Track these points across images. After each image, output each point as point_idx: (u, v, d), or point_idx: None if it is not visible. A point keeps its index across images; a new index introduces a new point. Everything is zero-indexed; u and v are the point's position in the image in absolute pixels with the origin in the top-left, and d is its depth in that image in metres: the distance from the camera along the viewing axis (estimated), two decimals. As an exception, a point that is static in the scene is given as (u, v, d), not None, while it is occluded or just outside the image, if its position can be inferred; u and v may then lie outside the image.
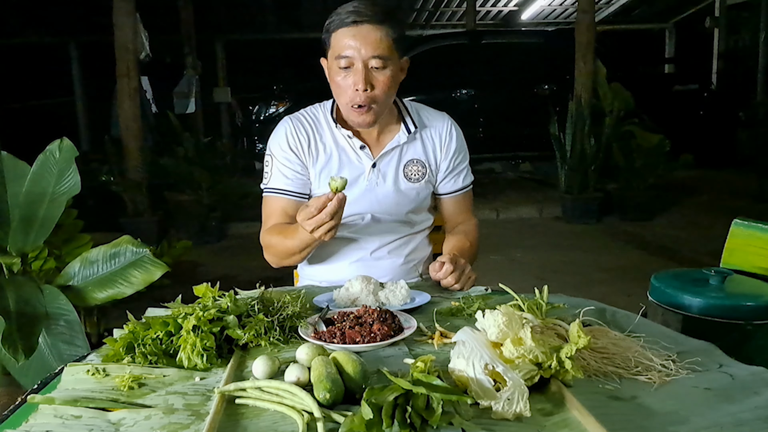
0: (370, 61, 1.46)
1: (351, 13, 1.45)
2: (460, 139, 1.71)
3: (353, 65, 1.47)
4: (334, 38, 1.49)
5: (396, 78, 1.53)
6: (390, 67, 1.49)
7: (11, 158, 2.08)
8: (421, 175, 1.65)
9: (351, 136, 1.59)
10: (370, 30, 1.45)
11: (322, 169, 1.61)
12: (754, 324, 1.72)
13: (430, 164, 1.66)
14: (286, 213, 1.62)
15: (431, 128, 1.67)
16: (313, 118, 1.64)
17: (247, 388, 0.91)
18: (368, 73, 1.47)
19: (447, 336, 1.11)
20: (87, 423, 0.85)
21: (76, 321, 1.87)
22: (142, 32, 6.59)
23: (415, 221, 1.69)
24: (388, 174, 1.62)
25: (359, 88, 1.47)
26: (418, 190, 1.65)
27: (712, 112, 7.82)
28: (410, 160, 1.64)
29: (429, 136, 1.67)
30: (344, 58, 1.46)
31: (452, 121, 1.72)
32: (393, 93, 1.55)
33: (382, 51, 1.46)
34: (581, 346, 0.91)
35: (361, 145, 1.60)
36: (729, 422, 0.82)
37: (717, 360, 1.02)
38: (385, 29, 1.46)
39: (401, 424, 0.78)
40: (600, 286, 4.03)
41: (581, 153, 5.77)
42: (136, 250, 1.99)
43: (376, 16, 1.45)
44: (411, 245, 1.70)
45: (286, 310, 1.16)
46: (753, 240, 1.97)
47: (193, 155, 5.62)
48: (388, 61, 1.47)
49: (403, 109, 1.66)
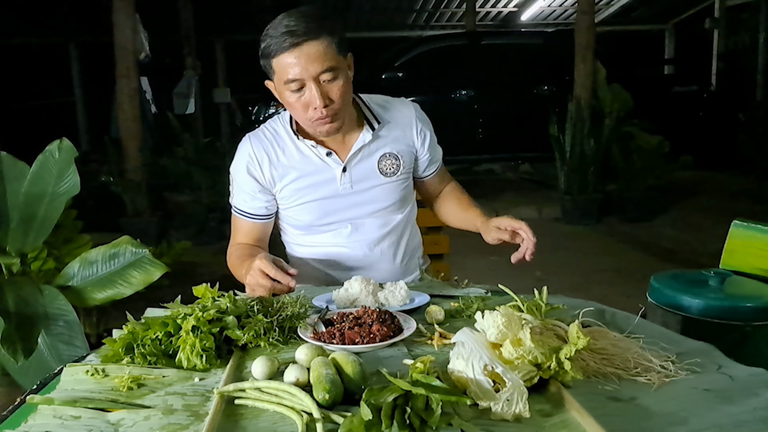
0: (320, 77, 1.41)
1: (286, 34, 1.38)
2: (426, 121, 1.69)
3: (305, 85, 1.41)
4: (276, 64, 1.42)
5: (348, 81, 1.48)
6: (341, 76, 1.44)
7: (11, 158, 2.08)
8: (396, 168, 1.62)
9: (315, 146, 1.55)
10: (311, 47, 1.38)
11: (290, 184, 1.58)
12: (753, 325, 1.72)
13: (404, 155, 1.63)
14: (249, 233, 1.63)
15: (396, 119, 1.64)
16: (273, 133, 1.60)
17: (246, 388, 0.91)
18: (321, 88, 1.41)
19: (446, 337, 1.11)
20: (86, 423, 0.85)
21: (76, 321, 1.87)
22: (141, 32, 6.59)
23: (401, 213, 1.67)
24: (362, 175, 1.59)
25: (317, 106, 1.42)
26: (396, 183, 1.63)
27: (712, 114, 7.81)
28: (383, 155, 1.61)
29: (397, 127, 1.63)
30: (294, 81, 1.41)
31: (413, 104, 1.68)
32: (350, 96, 1.51)
33: (330, 63, 1.40)
34: (580, 347, 0.91)
35: (327, 152, 1.56)
36: (728, 423, 0.82)
37: (716, 361, 1.02)
38: (326, 40, 1.39)
39: (400, 425, 0.78)
40: (599, 287, 4.03)
41: (581, 154, 5.78)
42: (136, 250, 1.99)
43: (311, 31, 1.38)
44: (404, 239, 1.69)
45: (285, 310, 1.16)
46: (752, 241, 1.97)
47: (192, 156, 5.62)
48: (337, 70, 1.42)
49: (364, 107, 1.61)
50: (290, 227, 1.67)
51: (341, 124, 1.51)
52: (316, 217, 1.60)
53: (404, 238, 1.70)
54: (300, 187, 1.58)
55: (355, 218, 1.61)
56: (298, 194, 1.59)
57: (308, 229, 1.64)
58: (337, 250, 1.64)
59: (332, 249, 1.64)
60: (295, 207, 1.61)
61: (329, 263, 1.65)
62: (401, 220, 1.67)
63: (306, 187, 1.58)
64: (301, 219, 1.62)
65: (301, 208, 1.60)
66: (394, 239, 1.67)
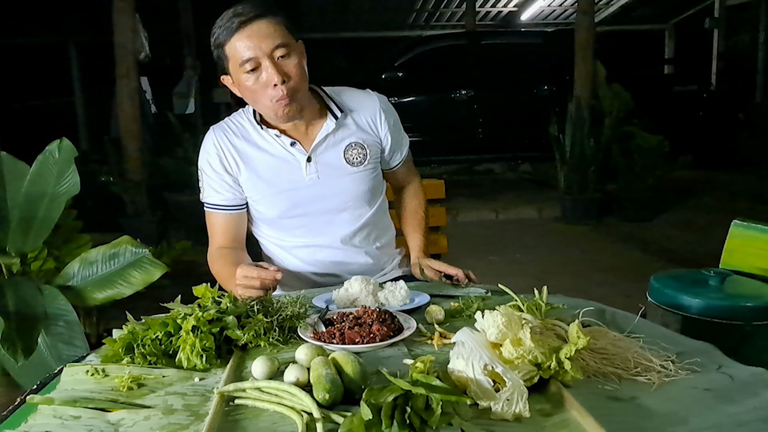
0: (274, 53, 1.42)
1: (234, 17, 1.42)
2: (391, 111, 1.68)
3: (260, 65, 1.43)
4: (228, 49, 1.45)
5: (303, 63, 1.49)
6: (294, 53, 1.46)
7: (11, 158, 2.08)
8: (363, 157, 1.62)
9: (279, 135, 1.56)
10: (260, 25, 1.42)
11: (255, 175, 1.58)
12: (753, 325, 1.72)
13: (369, 145, 1.63)
14: (225, 229, 1.63)
15: (361, 110, 1.64)
16: (237, 124, 1.60)
17: (246, 388, 0.91)
18: (277, 66, 1.43)
19: (446, 337, 1.11)
20: (86, 423, 0.85)
21: (76, 321, 1.87)
22: (141, 32, 6.59)
23: (371, 207, 1.67)
24: (328, 164, 1.59)
25: (276, 82, 1.43)
26: (364, 173, 1.62)
27: (712, 113, 7.81)
28: (348, 144, 1.61)
29: (362, 117, 1.63)
30: (249, 61, 1.42)
31: (378, 95, 1.68)
32: (306, 78, 1.51)
33: (282, 38, 1.43)
34: (580, 346, 0.91)
35: (291, 141, 1.56)
36: (728, 423, 0.82)
37: (716, 361, 1.02)
38: (274, 19, 1.44)
39: (400, 425, 0.78)
40: (599, 286, 4.03)
41: (581, 154, 5.78)
42: (136, 250, 1.99)
43: (258, 10, 1.42)
44: (377, 233, 1.69)
45: (285, 310, 1.16)
46: (752, 241, 1.97)
47: (192, 155, 5.60)
48: (289, 47, 1.45)
49: (325, 97, 1.62)
50: (263, 224, 1.66)
51: (301, 107, 1.51)
52: (284, 210, 1.59)
53: (376, 231, 1.70)
54: (265, 177, 1.58)
55: (323, 212, 1.61)
56: (264, 185, 1.59)
57: (278, 223, 1.63)
58: (311, 248, 1.63)
59: (305, 247, 1.63)
60: (261, 200, 1.60)
61: (306, 262, 1.64)
62: (372, 213, 1.67)
63: (271, 178, 1.58)
64: (269, 213, 1.61)
65: (267, 201, 1.60)
66: (366, 233, 1.67)
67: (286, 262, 1.66)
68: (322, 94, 1.62)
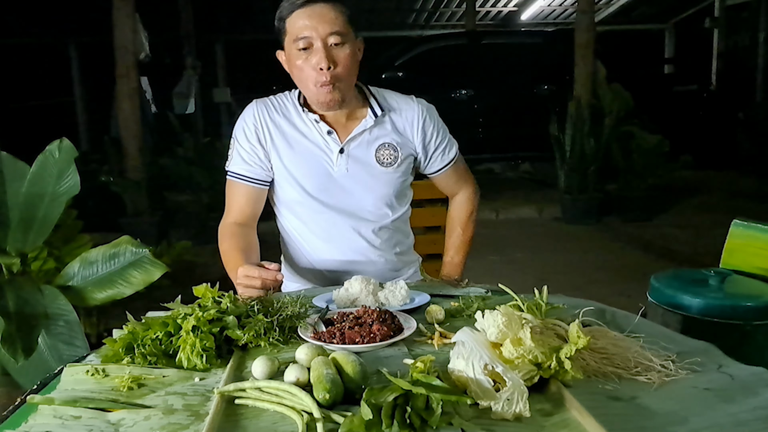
0: (328, 39, 1.45)
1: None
2: (434, 119, 1.68)
3: (312, 45, 1.46)
4: (288, 23, 1.48)
5: (355, 56, 1.52)
6: (348, 44, 1.48)
7: (11, 158, 2.08)
8: (393, 159, 1.62)
9: (318, 121, 1.58)
10: (323, 8, 1.45)
11: (288, 154, 1.59)
12: (753, 324, 1.72)
13: (402, 149, 1.64)
14: (244, 201, 1.62)
15: (401, 113, 1.65)
16: (280, 103, 1.63)
17: (246, 388, 0.91)
18: (328, 51, 1.46)
19: (446, 336, 1.11)
20: (86, 423, 0.85)
21: (76, 321, 1.86)
22: (141, 32, 6.59)
23: (393, 208, 1.67)
24: (358, 159, 1.60)
25: (323, 67, 1.45)
26: (392, 175, 1.63)
27: (712, 113, 7.82)
28: (381, 144, 1.62)
29: (400, 121, 1.65)
30: (302, 39, 1.46)
31: (422, 103, 1.69)
32: (355, 72, 1.54)
33: (340, 27, 1.46)
34: (581, 346, 0.91)
35: (328, 130, 1.58)
36: (728, 423, 0.82)
37: (716, 360, 1.01)
38: (339, 6, 1.47)
39: (401, 425, 0.78)
40: (599, 286, 4.03)
41: (581, 153, 5.78)
42: (136, 250, 1.99)
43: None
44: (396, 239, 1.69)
45: (285, 310, 1.16)
46: (752, 240, 1.97)
47: (192, 155, 5.62)
48: (345, 37, 1.47)
49: (369, 94, 1.64)
50: (284, 209, 1.66)
51: (343, 97, 1.53)
52: (308, 193, 1.60)
53: (397, 236, 1.70)
54: (296, 159, 1.59)
55: (346, 205, 1.61)
56: (294, 166, 1.59)
57: (298, 209, 1.63)
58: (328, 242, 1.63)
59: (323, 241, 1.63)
60: (288, 179, 1.60)
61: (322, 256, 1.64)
62: (394, 218, 1.67)
63: (302, 160, 1.59)
64: (292, 194, 1.61)
65: (293, 183, 1.60)
66: (387, 236, 1.67)
67: (302, 254, 1.67)
68: (366, 92, 1.65)
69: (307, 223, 1.64)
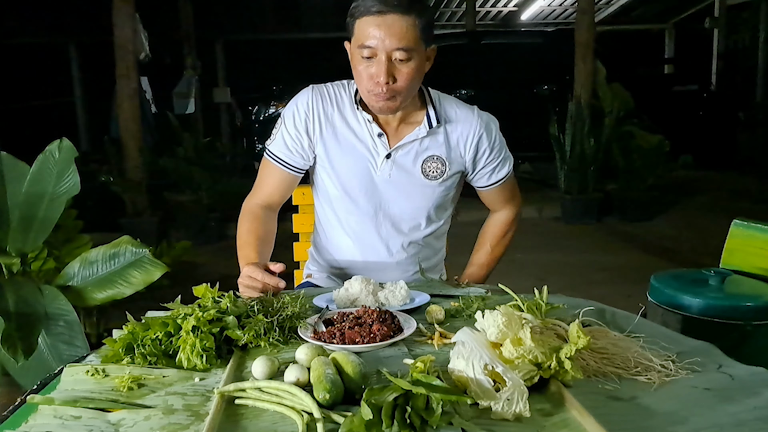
0: (393, 53, 1.38)
1: (377, 1, 1.37)
2: (492, 135, 1.61)
3: (376, 56, 1.39)
4: (357, 25, 1.41)
5: (421, 69, 1.45)
6: (414, 59, 1.41)
7: (11, 158, 2.08)
8: (440, 173, 1.57)
9: (371, 121, 1.53)
10: (395, 20, 1.37)
11: (333, 148, 1.56)
12: (753, 324, 1.72)
13: (451, 163, 1.58)
14: (278, 184, 1.61)
15: (458, 125, 1.58)
16: (336, 94, 1.58)
17: (246, 388, 0.91)
18: (391, 65, 1.40)
19: (446, 336, 1.11)
20: (86, 423, 0.85)
21: (76, 321, 1.87)
22: (141, 32, 6.59)
23: (430, 223, 1.63)
24: (404, 168, 1.55)
25: (380, 81, 1.40)
26: (436, 188, 1.58)
27: (712, 113, 7.82)
28: (430, 156, 1.56)
29: (454, 133, 1.58)
30: (367, 48, 1.39)
31: (482, 116, 1.61)
32: (417, 84, 1.48)
33: (407, 42, 1.38)
34: (581, 346, 0.91)
35: (379, 132, 1.53)
36: (728, 422, 0.82)
37: (716, 360, 1.01)
38: (412, 18, 1.38)
39: (401, 425, 0.78)
40: (599, 286, 4.03)
41: (581, 153, 5.78)
42: (136, 250, 1.99)
43: (402, 4, 1.37)
44: (426, 253, 1.66)
45: (285, 310, 1.16)
46: (752, 240, 1.97)
47: (192, 155, 5.62)
48: (412, 52, 1.40)
49: (428, 101, 1.57)
50: (322, 199, 1.64)
51: (398, 105, 1.48)
52: (346, 192, 1.57)
53: (426, 251, 1.66)
54: (342, 155, 1.56)
55: (382, 212, 1.58)
56: (337, 162, 1.56)
57: (335, 203, 1.61)
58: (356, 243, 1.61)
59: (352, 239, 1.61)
60: (330, 173, 1.58)
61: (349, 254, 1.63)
62: (428, 232, 1.64)
63: (347, 158, 1.56)
64: (331, 190, 1.59)
65: (334, 178, 1.58)
66: (416, 250, 1.64)
67: (328, 245, 1.66)
68: (426, 97, 1.58)
69: (339, 219, 1.62)
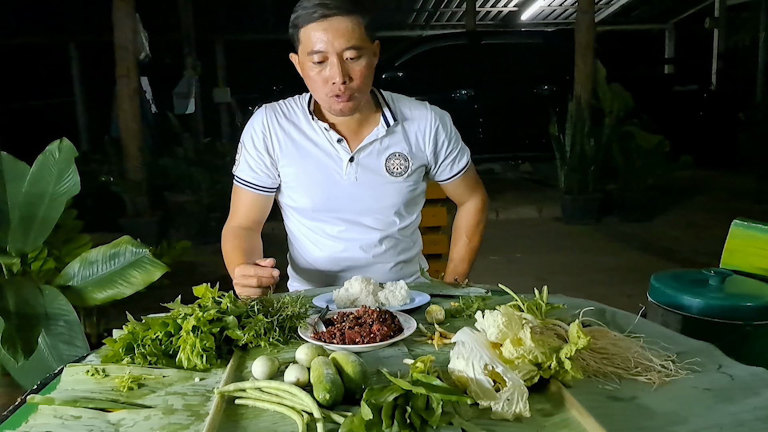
0: (344, 53, 1.41)
1: (318, 6, 1.39)
2: (447, 127, 1.65)
3: (327, 59, 1.41)
4: (303, 34, 1.43)
5: (371, 65, 1.48)
6: (365, 56, 1.44)
7: (11, 158, 2.08)
8: (404, 169, 1.60)
9: (328, 129, 1.55)
10: (340, 21, 1.39)
11: (296, 162, 1.58)
12: (753, 324, 1.72)
13: (413, 158, 1.61)
14: (249, 207, 1.62)
15: (414, 121, 1.62)
16: (290, 109, 1.60)
17: (246, 388, 0.91)
18: (344, 65, 1.42)
19: (446, 336, 1.11)
20: (87, 423, 0.85)
21: (76, 321, 1.86)
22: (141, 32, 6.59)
23: (402, 217, 1.66)
24: (368, 168, 1.58)
25: (336, 81, 1.42)
26: (402, 184, 1.61)
27: (712, 113, 7.82)
28: (392, 153, 1.59)
29: (412, 130, 1.61)
30: (317, 53, 1.41)
31: (435, 111, 1.65)
32: (370, 80, 1.50)
33: (356, 41, 1.41)
34: (581, 346, 0.91)
35: (338, 138, 1.55)
36: (728, 423, 0.82)
37: (716, 360, 1.02)
38: (356, 18, 1.41)
39: (401, 425, 0.78)
40: (599, 286, 4.03)
41: (581, 153, 5.78)
42: (136, 250, 1.99)
43: (343, 6, 1.39)
44: (402, 247, 1.68)
45: (285, 310, 1.16)
46: (752, 241, 1.97)
47: (192, 155, 5.62)
48: (362, 50, 1.42)
49: (382, 102, 1.60)
50: (293, 210, 1.66)
51: (357, 105, 1.50)
52: (316, 203, 1.59)
53: (402, 245, 1.68)
54: (306, 167, 1.57)
55: (353, 214, 1.60)
56: (303, 174, 1.58)
57: (307, 214, 1.63)
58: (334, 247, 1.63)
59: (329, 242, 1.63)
60: (297, 188, 1.59)
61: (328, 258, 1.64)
62: (402, 227, 1.65)
63: (311, 169, 1.57)
64: (301, 202, 1.61)
65: (302, 191, 1.59)
66: (391, 244, 1.66)
67: (306, 256, 1.67)
68: (380, 98, 1.61)
69: (313, 228, 1.64)
